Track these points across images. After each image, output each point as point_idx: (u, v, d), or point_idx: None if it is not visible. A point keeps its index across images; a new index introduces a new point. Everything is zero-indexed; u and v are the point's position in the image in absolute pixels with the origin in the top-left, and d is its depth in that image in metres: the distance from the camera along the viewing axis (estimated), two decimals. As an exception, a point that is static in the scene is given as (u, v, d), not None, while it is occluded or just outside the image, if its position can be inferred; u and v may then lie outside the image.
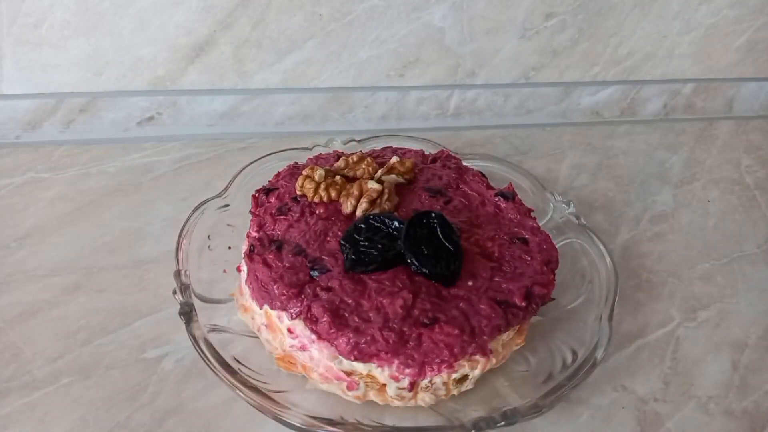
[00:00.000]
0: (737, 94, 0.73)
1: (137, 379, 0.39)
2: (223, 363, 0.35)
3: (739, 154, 0.66)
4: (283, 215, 0.40)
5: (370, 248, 0.36)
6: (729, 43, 0.68)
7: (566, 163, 0.62)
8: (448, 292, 0.36)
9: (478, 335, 0.34)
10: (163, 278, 0.44)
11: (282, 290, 0.35)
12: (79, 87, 0.57)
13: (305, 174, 0.42)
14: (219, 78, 0.59)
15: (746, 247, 0.54)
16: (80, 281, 0.44)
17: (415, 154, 0.48)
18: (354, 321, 0.34)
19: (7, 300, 0.42)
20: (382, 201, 0.40)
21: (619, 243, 0.53)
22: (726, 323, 0.46)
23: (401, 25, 0.59)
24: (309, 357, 0.36)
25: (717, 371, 0.43)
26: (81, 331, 0.41)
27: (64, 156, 0.56)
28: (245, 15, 0.56)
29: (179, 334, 0.40)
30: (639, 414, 0.40)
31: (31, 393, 0.37)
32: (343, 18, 0.58)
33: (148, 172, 0.55)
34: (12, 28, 0.53)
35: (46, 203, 0.50)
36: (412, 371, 0.34)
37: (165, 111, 0.60)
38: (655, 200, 0.58)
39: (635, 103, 0.71)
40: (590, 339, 0.39)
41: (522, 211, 0.43)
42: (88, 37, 0.55)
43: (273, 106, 0.62)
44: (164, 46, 0.56)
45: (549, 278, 0.38)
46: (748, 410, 0.41)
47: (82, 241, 0.47)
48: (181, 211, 0.45)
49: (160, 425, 0.36)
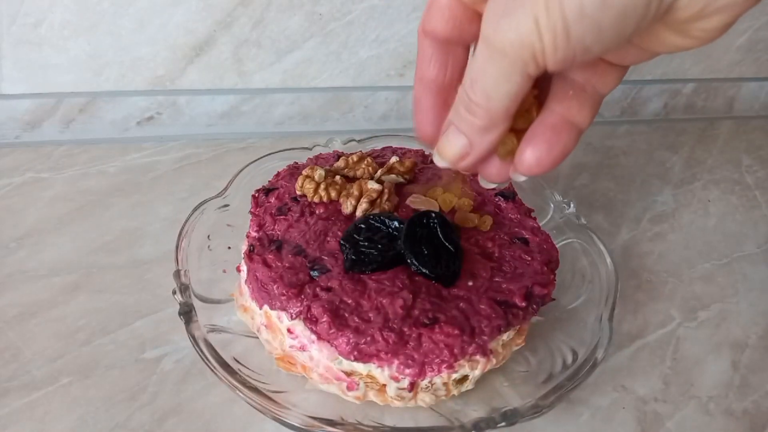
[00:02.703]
0: (738, 94, 0.73)
1: (137, 379, 0.39)
2: (222, 363, 0.35)
3: (739, 154, 0.66)
4: (283, 215, 0.40)
5: (370, 248, 0.36)
6: (729, 43, 0.68)
7: (566, 163, 0.62)
8: (448, 292, 0.36)
9: (478, 335, 0.34)
10: (163, 278, 0.44)
11: (282, 290, 0.35)
12: (78, 87, 0.57)
13: (305, 174, 0.42)
14: (219, 78, 0.59)
15: (746, 247, 0.54)
16: (80, 281, 0.44)
17: (415, 154, 0.47)
18: (354, 321, 0.34)
19: (6, 300, 0.42)
20: (382, 201, 0.40)
21: (619, 243, 0.53)
22: (726, 323, 0.46)
23: (401, 25, 0.59)
24: (309, 357, 0.36)
25: (717, 371, 0.43)
26: (80, 331, 0.41)
27: (64, 156, 0.56)
28: (245, 15, 0.56)
29: (179, 334, 0.40)
30: (639, 414, 0.40)
31: (31, 393, 0.37)
32: (342, 18, 0.58)
33: (147, 172, 0.55)
34: (12, 28, 0.53)
35: (45, 203, 0.50)
36: (412, 371, 0.34)
37: (165, 111, 0.60)
38: (656, 200, 0.58)
39: (636, 103, 0.71)
40: (590, 339, 0.38)
41: (522, 211, 0.43)
42: (87, 37, 0.55)
43: (273, 106, 0.62)
44: (164, 45, 0.56)
45: (549, 278, 0.38)
46: (749, 410, 0.41)
47: (82, 241, 0.47)
48: (181, 211, 0.45)
49: (159, 425, 0.36)
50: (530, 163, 0.27)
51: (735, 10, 0.22)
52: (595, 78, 0.27)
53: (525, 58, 0.23)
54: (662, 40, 0.24)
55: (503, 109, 0.25)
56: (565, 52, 0.22)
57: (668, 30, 0.24)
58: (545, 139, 0.27)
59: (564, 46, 0.22)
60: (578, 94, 0.27)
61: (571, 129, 0.27)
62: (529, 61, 0.23)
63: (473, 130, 0.26)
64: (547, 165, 0.27)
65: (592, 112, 0.27)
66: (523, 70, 0.23)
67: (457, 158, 0.28)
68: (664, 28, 0.24)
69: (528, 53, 0.23)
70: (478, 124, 0.26)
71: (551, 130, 0.27)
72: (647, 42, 0.25)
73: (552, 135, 0.27)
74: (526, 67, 0.23)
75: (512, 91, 0.24)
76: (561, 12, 0.21)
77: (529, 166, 0.27)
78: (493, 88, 0.24)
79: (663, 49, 0.25)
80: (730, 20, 0.23)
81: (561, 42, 0.22)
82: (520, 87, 0.24)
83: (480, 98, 0.25)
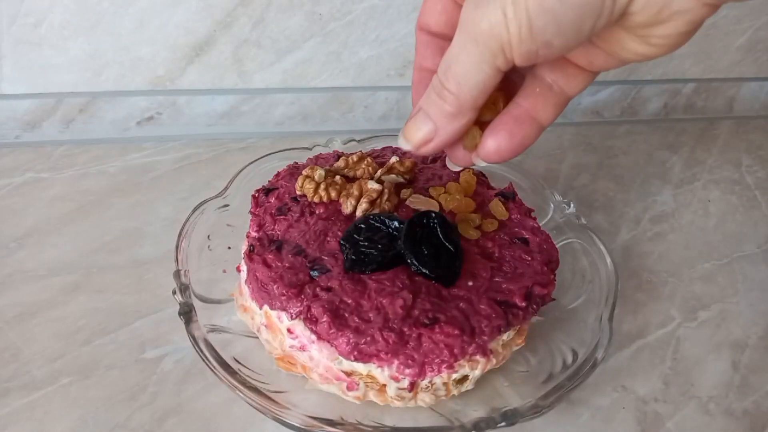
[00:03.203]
0: (738, 94, 0.73)
1: (137, 379, 0.38)
2: (222, 363, 0.35)
3: (739, 154, 0.66)
4: (283, 215, 0.40)
5: (370, 248, 0.36)
6: (729, 43, 0.68)
7: (566, 163, 0.62)
8: (448, 292, 0.36)
9: (478, 335, 0.34)
10: (163, 278, 0.44)
11: (282, 290, 0.35)
12: (78, 87, 0.57)
13: (305, 174, 0.42)
14: (219, 78, 0.59)
15: (747, 247, 0.54)
16: (80, 281, 0.44)
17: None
18: (354, 321, 0.34)
19: (6, 300, 0.42)
20: (382, 201, 0.40)
21: (619, 243, 0.53)
22: (726, 323, 0.46)
23: (401, 25, 0.59)
24: (309, 357, 0.36)
25: (717, 371, 0.43)
26: (80, 331, 0.41)
27: (64, 156, 0.56)
28: (245, 15, 0.56)
29: (179, 335, 0.40)
30: (639, 414, 0.40)
31: (31, 393, 0.37)
32: (342, 18, 0.58)
33: (147, 172, 0.55)
34: (12, 28, 0.53)
35: (45, 203, 0.50)
36: (412, 371, 0.34)
37: (165, 111, 0.60)
38: (656, 200, 0.58)
39: (636, 103, 0.71)
40: (590, 339, 0.38)
41: (522, 211, 0.42)
42: (87, 37, 0.55)
43: (273, 106, 0.62)
44: (164, 45, 0.56)
45: (549, 278, 0.38)
46: (749, 410, 0.41)
47: (82, 241, 0.47)
48: (181, 211, 0.45)
49: (159, 425, 0.36)
50: (489, 151, 0.29)
51: (688, 16, 0.24)
52: (563, 80, 0.29)
53: (494, 49, 0.25)
54: (624, 45, 0.26)
55: (472, 99, 0.27)
56: (528, 45, 0.24)
57: (628, 35, 0.25)
58: (507, 129, 0.29)
59: (527, 38, 0.24)
60: (545, 92, 0.29)
61: (533, 123, 0.29)
62: (497, 53, 0.25)
63: (441, 116, 0.28)
64: (506, 154, 0.29)
65: (556, 111, 0.29)
66: (492, 62, 0.25)
67: (421, 142, 0.30)
68: (625, 33, 0.25)
69: (496, 44, 0.24)
70: (447, 109, 0.28)
71: (514, 121, 0.29)
72: (611, 46, 0.26)
73: (514, 126, 0.29)
74: (495, 58, 0.25)
75: (481, 81, 0.26)
76: (525, 5, 0.23)
77: (487, 154, 0.29)
78: (464, 76, 0.26)
79: (627, 55, 0.27)
80: (685, 28, 0.24)
81: (525, 34, 0.24)
82: (490, 78, 0.26)
83: (452, 85, 0.27)
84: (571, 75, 0.29)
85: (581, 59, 0.28)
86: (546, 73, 0.29)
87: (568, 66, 0.29)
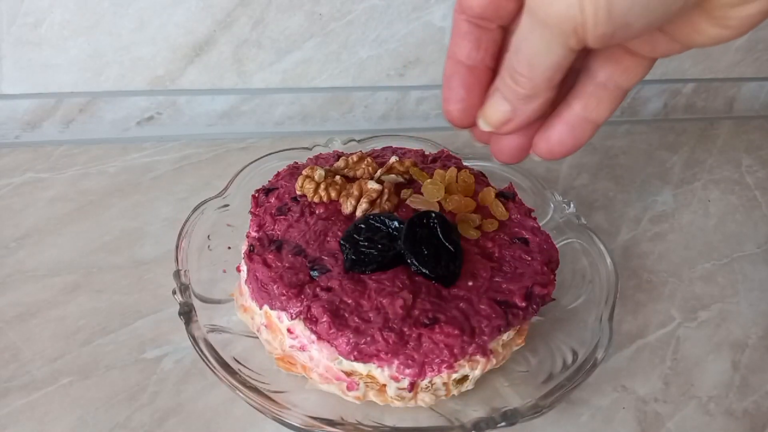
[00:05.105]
0: (738, 94, 0.73)
1: (137, 379, 0.38)
2: (222, 363, 0.35)
3: (739, 154, 0.66)
4: (283, 215, 0.40)
5: (370, 248, 0.36)
6: (729, 43, 0.68)
7: (566, 163, 0.62)
8: (448, 292, 0.36)
9: (478, 335, 0.34)
10: (163, 278, 0.44)
11: (282, 290, 0.35)
12: (78, 87, 0.57)
13: (305, 174, 0.42)
14: (219, 78, 0.59)
15: (747, 247, 0.54)
16: (80, 281, 0.44)
17: (415, 154, 0.47)
18: (354, 321, 0.34)
19: (6, 300, 0.42)
20: (382, 201, 0.40)
21: (619, 243, 0.53)
22: (726, 323, 0.46)
23: (401, 25, 0.59)
24: (309, 357, 0.36)
25: (717, 371, 0.43)
26: (80, 331, 0.41)
27: (64, 156, 0.56)
28: (245, 15, 0.56)
29: (179, 335, 0.40)
30: (639, 414, 0.40)
31: (31, 393, 0.37)
32: (342, 18, 0.58)
33: (147, 172, 0.55)
34: (12, 28, 0.53)
35: (45, 203, 0.50)
36: (412, 371, 0.34)
37: (165, 111, 0.60)
38: (656, 200, 0.58)
39: (635, 103, 0.71)
40: (590, 339, 0.38)
41: (522, 211, 0.42)
42: (87, 37, 0.55)
43: (273, 106, 0.62)
44: (164, 45, 0.56)
45: (549, 278, 0.38)
46: (749, 410, 0.41)
47: (82, 241, 0.47)
48: (181, 211, 0.45)
49: (159, 425, 0.36)
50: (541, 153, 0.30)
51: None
52: (618, 73, 0.28)
53: (566, 31, 0.23)
54: (696, 27, 0.24)
55: (546, 79, 0.26)
56: (605, 28, 0.22)
57: (704, 16, 0.24)
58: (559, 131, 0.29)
59: (605, 21, 0.22)
60: (598, 91, 0.28)
61: (587, 124, 0.29)
62: (569, 35, 0.23)
63: (517, 98, 0.27)
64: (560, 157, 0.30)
65: (612, 107, 0.29)
66: (564, 43, 0.24)
67: (501, 123, 0.29)
68: (701, 14, 0.24)
69: (569, 26, 0.23)
70: (521, 92, 0.27)
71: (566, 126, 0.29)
72: (681, 29, 0.25)
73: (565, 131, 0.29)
74: (567, 39, 0.23)
75: (554, 62, 0.25)
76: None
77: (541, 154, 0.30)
78: (535, 57, 0.25)
79: (698, 39, 0.25)
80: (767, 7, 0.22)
81: (602, 17, 0.22)
82: (562, 59, 0.24)
83: (523, 67, 0.26)
84: (627, 67, 0.28)
85: (643, 47, 0.27)
86: (599, 68, 0.28)
87: (624, 58, 0.27)
